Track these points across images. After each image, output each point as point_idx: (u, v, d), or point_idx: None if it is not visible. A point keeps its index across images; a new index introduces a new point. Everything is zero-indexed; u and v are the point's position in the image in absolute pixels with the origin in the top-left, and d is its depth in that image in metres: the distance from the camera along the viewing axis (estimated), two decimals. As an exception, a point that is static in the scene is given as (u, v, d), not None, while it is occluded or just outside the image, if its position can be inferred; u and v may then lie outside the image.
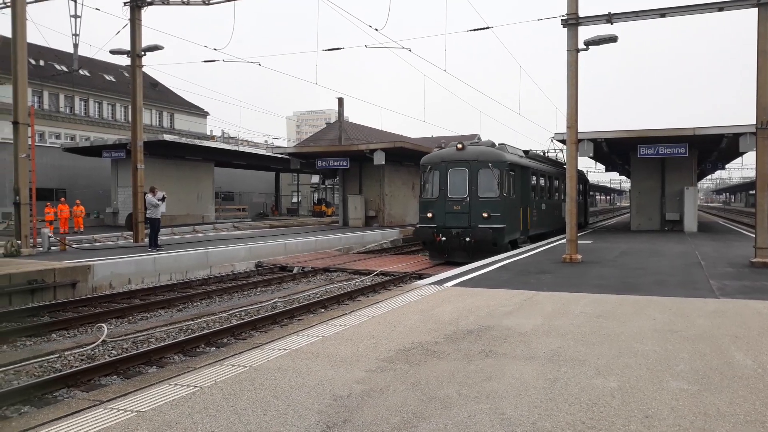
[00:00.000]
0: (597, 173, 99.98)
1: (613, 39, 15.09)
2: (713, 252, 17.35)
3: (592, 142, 22.72)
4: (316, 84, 45.13)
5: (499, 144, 20.42)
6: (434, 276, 12.37)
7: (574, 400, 4.64)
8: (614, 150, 28.04)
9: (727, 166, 44.91)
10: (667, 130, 23.57)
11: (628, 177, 46.64)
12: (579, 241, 16.18)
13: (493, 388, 4.93)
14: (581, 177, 32.19)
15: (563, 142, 22.57)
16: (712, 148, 27.05)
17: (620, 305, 8.79)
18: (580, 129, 16.32)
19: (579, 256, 14.98)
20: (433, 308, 8.55)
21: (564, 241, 17.73)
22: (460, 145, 19.07)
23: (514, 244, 19.68)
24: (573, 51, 15.10)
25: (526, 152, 23.67)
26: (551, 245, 20.02)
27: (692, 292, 10.06)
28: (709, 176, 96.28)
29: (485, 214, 17.98)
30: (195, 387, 5.04)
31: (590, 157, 24.84)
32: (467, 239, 17.92)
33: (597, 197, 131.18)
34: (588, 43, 15.15)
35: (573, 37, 15.10)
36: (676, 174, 28.16)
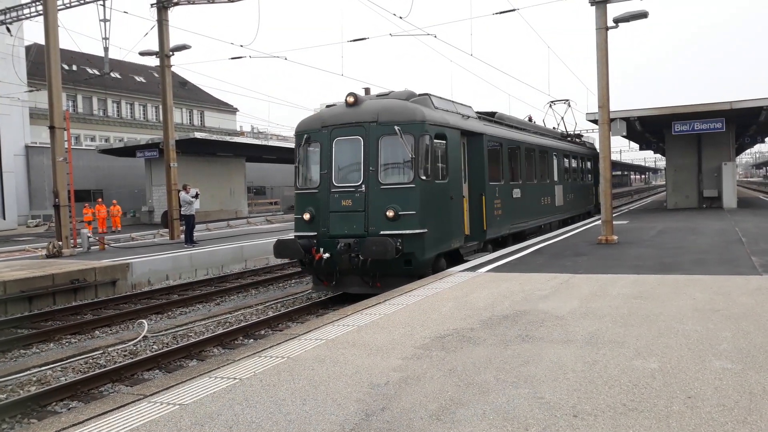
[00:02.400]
0: (631, 152, 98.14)
1: (643, 15, 14.73)
2: (754, 228, 16.89)
3: (624, 120, 22.25)
4: (342, 75, 45.21)
5: (420, 95, 12.63)
6: (467, 262, 12.32)
7: (614, 383, 4.58)
8: (648, 128, 27.46)
9: (767, 139, 43.56)
10: (703, 105, 22.97)
11: (663, 155, 45.67)
12: (614, 222, 15.91)
13: (531, 373, 4.90)
14: (591, 155, 27.13)
15: (595, 122, 22.04)
16: (751, 121, 26.27)
17: (659, 285, 8.63)
18: (612, 108, 16.00)
19: (615, 237, 14.74)
20: (467, 294, 8.52)
21: (598, 222, 17.47)
22: (351, 98, 11.67)
23: (454, 257, 12.67)
24: (602, 29, 14.79)
25: (491, 114, 16.68)
26: (585, 227, 19.72)
27: (733, 269, 9.82)
28: (747, 150, 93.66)
29: (390, 213, 10.89)
30: (235, 379, 5.13)
31: (623, 136, 24.22)
32: (357, 257, 10.83)
33: (631, 176, 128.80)
34: (617, 21, 14.82)
35: (602, 16, 14.79)
36: (713, 149, 27.45)
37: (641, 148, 44.87)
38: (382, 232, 10.86)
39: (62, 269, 14.43)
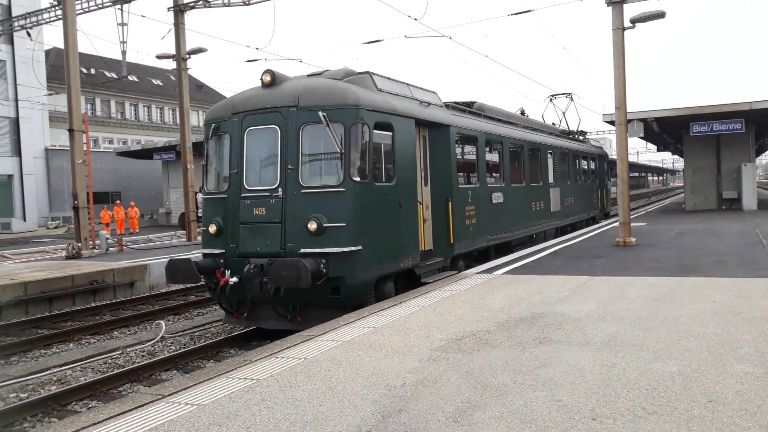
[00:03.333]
0: (648, 153, 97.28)
1: (660, 15, 14.60)
2: (775, 230, 16.65)
3: (641, 122, 22.06)
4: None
5: (360, 73, 10.11)
6: (483, 264, 12.28)
7: (633, 386, 4.54)
8: (665, 129, 27.21)
9: (787, 140, 42.94)
10: (721, 106, 22.72)
11: (681, 156, 45.20)
12: (632, 224, 15.78)
13: (549, 375, 4.86)
14: (597, 154, 24.93)
15: (612, 123, 21.86)
16: (771, 122, 25.92)
17: (678, 288, 8.54)
18: (629, 109, 15.87)
19: (633, 239, 14.61)
20: (484, 297, 8.48)
21: (616, 224, 17.33)
22: (267, 76, 9.26)
23: (409, 278, 10.23)
24: (619, 30, 14.68)
25: (468, 104, 14.39)
26: (602, 229, 19.56)
27: (754, 272, 9.69)
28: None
29: (312, 225, 8.40)
30: (252, 380, 5.15)
31: (640, 137, 23.97)
32: (266, 283, 8.35)
33: (649, 178, 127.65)
34: (634, 21, 14.70)
35: (618, 16, 14.68)
36: (732, 150, 27.12)
37: (659, 150, 44.46)
38: (302, 250, 8.31)
39: (81, 270, 14.60)
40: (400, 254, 9.63)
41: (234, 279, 8.66)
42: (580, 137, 24.88)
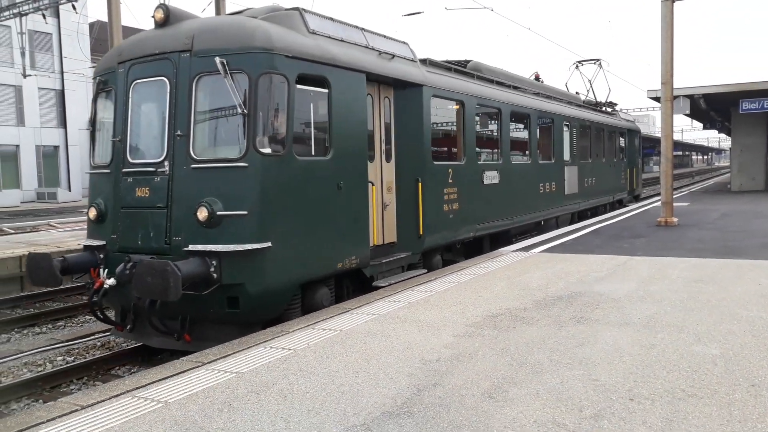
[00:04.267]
0: (693, 131, 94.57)
1: (712, -14, 14.00)
2: (826, 212, 16.06)
3: (688, 98, 21.40)
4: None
5: (289, 9, 7.86)
6: (520, 242, 12.17)
7: (673, 367, 4.47)
8: (712, 106, 26.31)
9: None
10: (774, 82, 21.80)
11: (728, 134, 43.78)
12: (674, 204, 15.40)
13: (586, 355, 4.82)
14: (626, 128, 22.16)
15: (657, 99, 21.22)
16: (826, 99, 24.81)
17: (721, 269, 8.33)
18: (676, 85, 15.38)
19: (675, 219, 14.27)
20: (521, 274, 8.42)
21: (658, 204, 16.96)
22: (159, 12, 7.23)
23: (358, 281, 8.34)
24: (667, 2, 14.16)
25: (462, 63, 12.06)
26: (644, 209, 19.15)
27: (803, 255, 9.38)
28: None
29: (202, 213, 6.40)
30: (289, 350, 5.23)
31: (686, 115, 23.21)
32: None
33: (693, 157, 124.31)
34: (684, -8, 14.14)
35: (667, -13, 14.14)
36: (783, 129, 26.11)
37: (705, 127, 43.15)
38: (190, 246, 6.32)
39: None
40: (337, 251, 7.42)
41: (111, 281, 6.57)
42: (608, 109, 22.04)
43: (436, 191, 9.53)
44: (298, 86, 6.94)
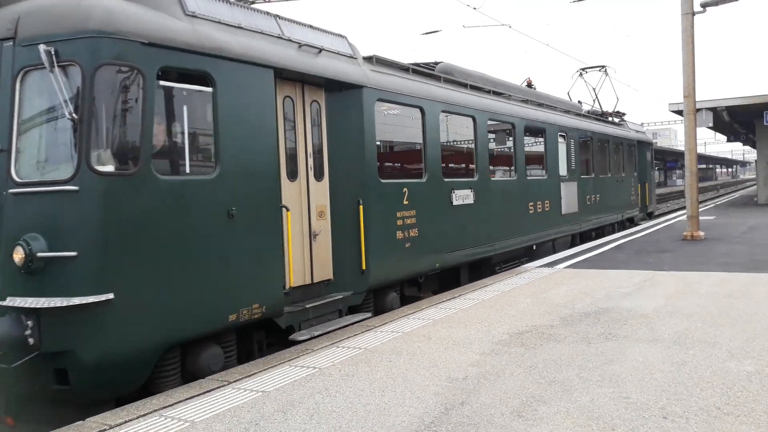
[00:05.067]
0: (717, 144, 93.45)
1: (734, -2, 13.91)
2: None
3: (711, 111, 21.17)
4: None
5: None
6: (543, 258, 12.05)
7: (706, 384, 4.36)
8: (736, 118, 26.02)
9: None
10: (799, 93, 21.48)
11: (752, 147, 43.16)
12: (700, 218, 15.17)
13: (616, 372, 4.73)
14: (636, 140, 20.14)
15: (679, 113, 20.99)
16: None
17: (752, 284, 8.16)
18: (698, 98, 15.23)
19: (701, 233, 14.04)
20: (546, 291, 8.33)
21: (684, 217, 16.73)
22: None
23: (272, 333, 6.65)
24: (688, 15, 14.08)
25: (430, 66, 10.50)
26: (669, 222, 18.89)
27: (836, 268, 9.16)
28: None
29: (17, 255, 4.71)
30: (314, 368, 5.22)
31: (709, 127, 22.89)
32: None
33: (717, 170, 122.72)
34: (705, 5, 14.07)
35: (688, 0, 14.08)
36: (810, 141, 25.67)
37: (729, 140, 42.61)
38: (9, 300, 4.74)
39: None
40: (227, 299, 5.69)
41: None
42: (615, 119, 20.13)
43: (385, 215, 7.87)
44: (164, 83, 5.34)
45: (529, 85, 15.06)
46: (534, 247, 12.45)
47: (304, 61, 6.89)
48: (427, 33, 24.64)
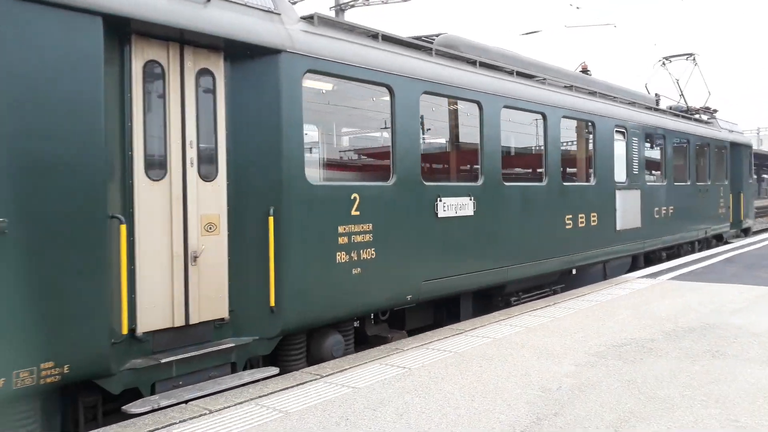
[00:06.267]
0: None
1: None
2: None
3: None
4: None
5: None
6: (645, 269, 11.50)
7: (829, 414, 4.01)
8: None
9: None
10: None
11: None
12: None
13: (723, 392, 4.44)
14: (728, 141, 16.81)
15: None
16: None
17: None
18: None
19: (825, 249, 12.90)
20: (647, 303, 7.95)
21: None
22: None
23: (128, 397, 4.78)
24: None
25: (430, 38, 8.53)
26: (787, 236, 17.50)
27: None
28: None
29: None
30: (404, 368, 5.25)
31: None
32: None
33: None
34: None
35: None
36: None
37: None
38: None
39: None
40: None
41: None
42: (703, 116, 16.92)
43: (317, 230, 5.85)
44: None
45: (585, 71, 12.76)
46: (573, 272, 9.96)
47: (179, 11, 4.98)
48: (526, 33, 24.21)
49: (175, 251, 5.10)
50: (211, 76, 5.45)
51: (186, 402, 4.64)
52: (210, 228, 5.38)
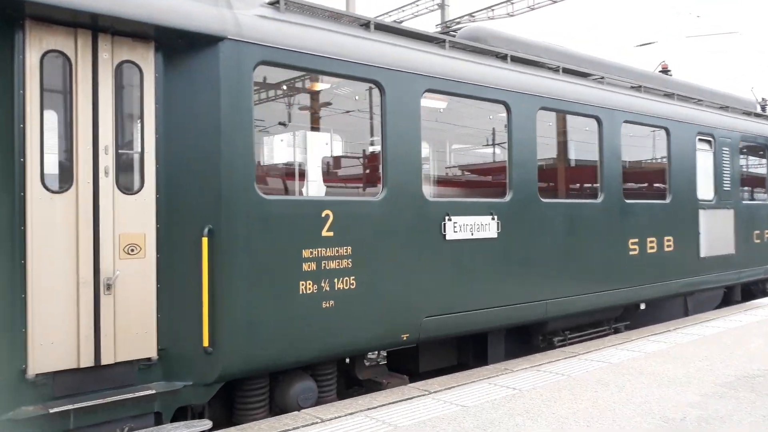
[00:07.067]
0: None
1: None
2: None
3: None
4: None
5: None
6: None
7: None
8: None
9: None
10: None
11: None
12: None
13: None
14: None
15: None
16: None
17: None
18: None
19: None
20: (782, 332, 7.30)
21: None
22: None
23: None
24: None
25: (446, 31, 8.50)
26: None
27: None
28: None
29: None
30: (514, 389, 5.12)
31: None
32: None
33: None
34: None
35: None
36: None
37: None
38: None
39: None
40: None
41: None
42: None
43: (272, 254, 4.82)
44: None
45: (665, 71, 11.12)
46: (642, 306, 8.32)
47: None
48: (641, 45, 23.20)
49: (83, 277, 4.23)
50: (137, 70, 4.57)
51: None
52: (132, 250, 4.50)
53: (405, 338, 5.59)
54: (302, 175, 5.69)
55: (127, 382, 4.40)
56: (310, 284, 4.95)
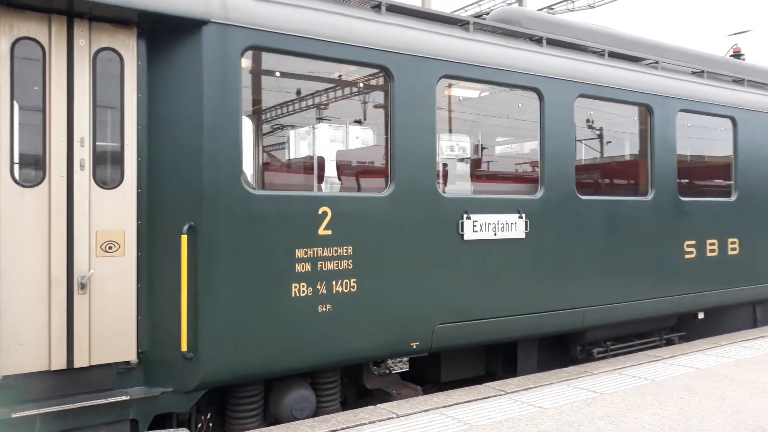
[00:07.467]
0: None
1: None
2: None
3: None
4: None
5: None
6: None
7: None
8: None
9: None
10: None
11: None
12: None
13: None
14: None
15: None
16: None
17: None
18: None
19: None
20: None
21: None
22: None
23: None
24: None
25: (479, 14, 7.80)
26: None
27: None
28: None
29: None
30: (594, 392, 4.98)
31: None
32: None
33: None
34: None
35: None
36: None
37: None
38: None
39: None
40: None
41: None
42: None
43: (260, 254, 4.51)
44: None
45: (737, 54, 10.15)
46: (700, 316, 7.55)
47: None
48: (734, 33, 21.90)
49: (54, 276, 4.04)
50: (118, 58, 4.32)
51: None
52: (109, 248, 4.26)
53: (415, 347, 5.16)
54: (290, 168, 5.35)
55: (105, 387, 4.19)
56: (304, 286, 4.62)
